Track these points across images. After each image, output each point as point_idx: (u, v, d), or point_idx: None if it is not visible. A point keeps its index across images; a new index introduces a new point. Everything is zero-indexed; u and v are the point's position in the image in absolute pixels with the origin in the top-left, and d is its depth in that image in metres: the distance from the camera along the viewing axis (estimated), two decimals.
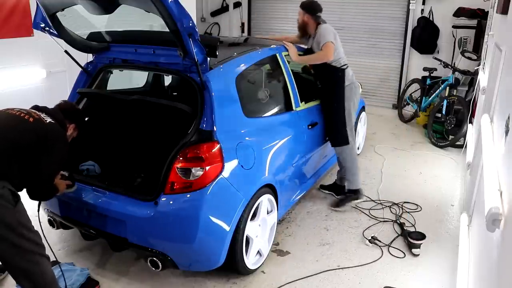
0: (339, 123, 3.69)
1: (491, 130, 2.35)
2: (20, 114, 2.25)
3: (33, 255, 2.13)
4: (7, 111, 2.28)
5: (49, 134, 2.24)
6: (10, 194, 2.05)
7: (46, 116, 2.32)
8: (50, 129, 2.27)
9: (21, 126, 2.20)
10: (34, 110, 2.36)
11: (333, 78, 3.67)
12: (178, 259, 2.54)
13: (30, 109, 2.35)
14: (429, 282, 2.86)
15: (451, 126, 5.55)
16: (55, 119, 2.36)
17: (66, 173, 2.64)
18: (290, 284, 2.81)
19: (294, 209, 3.79)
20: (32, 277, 2.15)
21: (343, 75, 3.66)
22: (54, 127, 2.30)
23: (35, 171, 2.21)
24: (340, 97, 3.67)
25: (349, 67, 3.75)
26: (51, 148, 2.24)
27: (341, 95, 3.67)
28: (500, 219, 1.31)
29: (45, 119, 2.29)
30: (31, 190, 2.29)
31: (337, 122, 3.70)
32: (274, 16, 8.07)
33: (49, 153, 2.24)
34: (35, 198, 2.36)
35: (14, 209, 2.06)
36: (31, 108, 2.39)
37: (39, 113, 2.32)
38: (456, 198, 4.12)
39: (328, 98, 3.74)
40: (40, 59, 4.54)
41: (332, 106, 3.70)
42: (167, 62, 2.85)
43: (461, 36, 6.28)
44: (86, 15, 2.73)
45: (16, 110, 2.28)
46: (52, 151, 2.25)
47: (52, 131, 2.27)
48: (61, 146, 2.31)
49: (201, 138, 2.52)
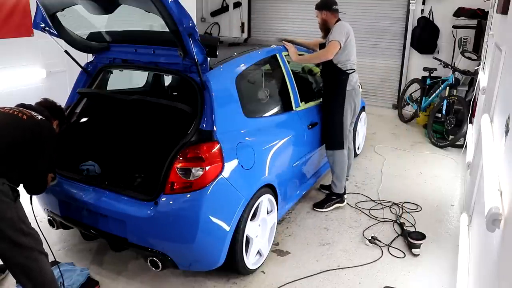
0: (336, 127, 3.65)
1: (491, 130, 2.35)
2: (14, 112, 2.28)
3: (31, 252, 2.15)
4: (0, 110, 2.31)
5: (43, 131, 2.30)
6: (10, 190, 2.10)
7: (36, 114, 2.37)
8: (44, 126, 2.32)
9: (15, 124, 2.23)
10: (22, 108, 2.40)
11: (335, 80, 3.62)
12: (178, 259, 2.54)
13: (19, 108, 2.39)
14: (429, 282, 2.86)
15: (451, 126, 5.56)
16: (44, 116, 2.41)
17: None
18: (290, 284, 2.81)
19: (294, 209, 3.79)
20: (31, 274, 2.16)
21: (346, 79, 3.59)
22: (46, 124, 2.36)
23: (31, 166, 2.27)
24: (340, 100, 3.62)
25: (355, 73, 3.68)
26: (45, 144, 2.30)
27: (341, 99, 3.62)
28: (500, 219, 1.31)
29: (36, 116, 2.34)
30: (28, 185, 2.36)
31: (334, 125, 3.66)
32: (274, 16, 8.07)
33: (44, 149, 2.30)
34: (32, 192, 2.44)
35: (14, 204, 2.11)
36: (17, 106, 2.43)
37: (29, 110, 2.37)
38: (456, 198, 4.12)
39: (328, 100, 3.71)
40: (40, 59, 4.54)
41: (331, 109, 3.67)
42: (167, 62, 2.85)
43: (461, 36, 6.28)
44: (86, 15, 2.74)
45: (8, 108, 2.32)
46: (47, 147, 2.32)
47: (45, 128, 2.33)
48: (53, 142, 2.38)
49: (201, 138, 2.52)
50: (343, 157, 3.72)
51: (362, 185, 4.35)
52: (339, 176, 3.76)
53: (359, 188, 4.26)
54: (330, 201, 3.82)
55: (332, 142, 3.70)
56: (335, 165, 3.73)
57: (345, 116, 3.66)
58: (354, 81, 3.67)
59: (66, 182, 2.77)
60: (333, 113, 3.65)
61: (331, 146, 3.71)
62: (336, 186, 3.80)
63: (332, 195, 3.83)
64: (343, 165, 3.74)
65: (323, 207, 3.78)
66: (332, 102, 3.66)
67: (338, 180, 3.78)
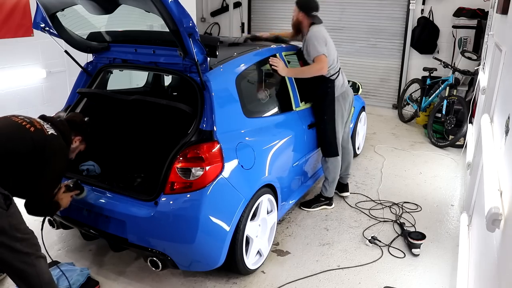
0: (329, 135, 3.59)
1: (491, 130, 2.35)
2: (22, 122, 2.23)
3: (28, 257, 2.11)
4: (12, 118, 2.27)
5: (47, 145, 2.21)
6: (2, 198, 2.02)
7: (49, 127, 2.28)
8: (50, 141, 2.23)
9: (19, 134, 2.18)
10: (40, 119, 2.33)
11: (322, 90, 3.53)
12: (178, 259, 2.54)
13: (35, 118, 2.32)
14: (429, 282, 2.86)
15: (451, 126, 5.55)
16: (59, 131, 2.32)
17: (71, 183, 2.57)
18: (290, 284, 2.81)
19: (294, 209, 3.79)
20: (28, 279, 2.14)
21: (332, 87, 3.51)
22: (54, 139, 2.26)
23: (31, 182, 2.18)
24: (329, 110, 3.54)
25: (340, 74, 3.59)
26: (48, 160, 2.21)
27: (330, 108, 3.54)
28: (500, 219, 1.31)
29: (47, 130, 2.26)
30: (28, 204, 2.25)
31: (326, 134, 3.60)
32: (274, 16, 8.07)
33: (46, 165, 2.21)
34: (33, 213, 2.30)
35: (7, 212, 2.03)
36: (39, 118, 2.36)
37: (43, 123, 2.29)
38: (456, 198, 4.12)
39: (318, 109, 3.62)
40: (40, 59, 4.54)
41: (322, 119, 3.58)
42: (167, 62, 2.85)
43: (461, 36, 6.28)
44: (86, 15, 2.74)
45: (20, 118, 2.26)
46: (49, 163, 2.22)
47: (51, 143, 2.23)
48: (59, 159, 2.27)
49: (201, 138, 2.52)
50: (337, 163, 3.71)
51: (362, 185, 4.35)
52: (331, 181, 3.76)
53: (359, 188, 4.26)
54: (319, 202, 3.82)
55: (326, 150, 3.66)
56: (329, 172, 3.72)
57: (337, 123, 3.60)
58: (340, 85, 3.58)
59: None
60: (324, 122, 3.59)
61: (325, 153, 3.68)
62: (327, 190, 3.79)
63: (321, 197, 3.84)
64: (337, 170, 3.74)
65: (310, 207, 3.79)
66: (321, 112, 3.58)
67: (330, 185, 3.77)
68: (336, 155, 3.66)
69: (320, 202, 3.82)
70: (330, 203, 3.84)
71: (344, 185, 4.06)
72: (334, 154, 3.65)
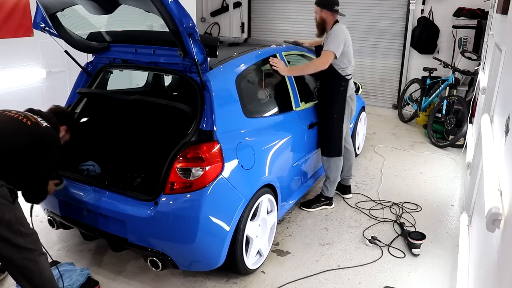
0: (335, 134, 3.59)
1: (491, 130, 2.35)
2: (18, 116, 2.27)
3: (31, 253, 2.14)
4: (5, 113, 2.30)
5: (45, 138, 2.27)
6: (8, 192, 2.08)
7: (42, 120, 2.35)
8: (47, 133, 2.30)
9: (18, 128, 2.22)
10: (30, 113, 2.38)
11: (336, 87, 3.54)
12: (178, 259, 2.54)
13: (26, 112, 2.37)
14: (429, 282, 2.86)
15: (451, 126, 5.56)
16: (50, 123, 2.39)
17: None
18: (290, 284, 2.81)
19: (294, 209, 3.79)
20: (30, 275, 2.16)
21: (346, 85, 3.54)
22: (50, 131, 2.34)
23: (30, 173, 2.25)
24: (340, 108, 3.55)
25: (351, 80, 3.64)
26: (47, 152, 2.28)
27: (341, 106, 3.56)
28: (500, 219, 1.31)
29: (41, 122, 2.32)
30: (26, 193, 2.33)
31: (333, 132, 3.59)
32: (274, 16, 8.07)
33: (45, 157, 2.28)
34: (30, 201, 2.40)
35: (13, 206, 2.09)
36: (26, 111, 2.41)
37: (35, 116, 2.35)
38: (456, 198, 4.12)
39: (327, 106, 3.60)
40: (40, 59, 4.54)
41: (330, 116, 3.57)
42: (167, 62, 2.85)
43: (461, 36, 6.28)
44: (86, 15, 2.74)
45: (14, 112, 2.30)
46: (48, 155, 2.29)
47: (48, 135, 2.31)
48: (55, 150, 2.35)
49: (201, 138, 2.52)
50: (339, 162, 3.70)
51: (362, 185, 4.35)
52: (332, 181, 3.76)
53: (359, 188, 4.26)
54: (319, 202, 3.81)
55: (330, 149, 3.65)
56: (331, 171, 3.71)
57: (345, 122, 3.62)
58: (351, 87, 3.65)
59: (66, 182, 2.77)
60: (332, 120, 3.57)
61: (328, 152, 3.66)
62: (328, 190, 3.79)
63: (321, 197, 3.83)
64: (339, 170, 3.74)
65: (310, 207, 3.79)
66: (331, 110, 3.57)
67: (331, 185, 3.77)
68: (340, 155, 3.66)
69: (320, 202, 3.82)
70: (330, 203, 3.84)
71: (346, 187, 4.05)
72: (338, 154, 3.65)
